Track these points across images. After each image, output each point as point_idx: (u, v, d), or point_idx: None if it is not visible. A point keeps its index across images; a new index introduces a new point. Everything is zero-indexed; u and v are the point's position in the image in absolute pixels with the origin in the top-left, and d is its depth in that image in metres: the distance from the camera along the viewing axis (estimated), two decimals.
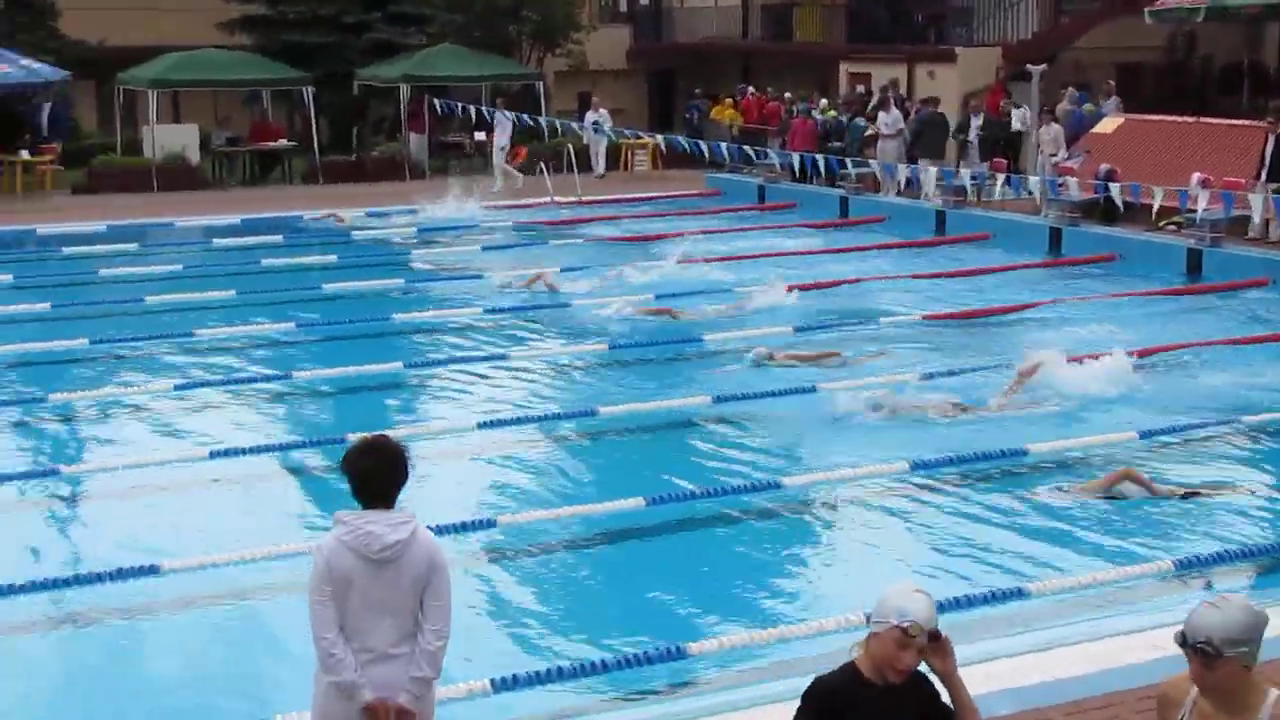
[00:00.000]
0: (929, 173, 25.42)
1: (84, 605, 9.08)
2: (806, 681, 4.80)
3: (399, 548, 5.44)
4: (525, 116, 31.65)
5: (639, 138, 35.25)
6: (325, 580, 5.39)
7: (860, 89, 34.79)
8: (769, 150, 29.68)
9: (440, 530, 10.02)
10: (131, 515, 11.05)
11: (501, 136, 31.96)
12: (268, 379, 15.14)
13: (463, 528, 10.20)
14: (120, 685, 8.12)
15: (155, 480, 11.64)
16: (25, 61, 30.32)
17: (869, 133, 29.81)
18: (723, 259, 22.05)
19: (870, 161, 27.83)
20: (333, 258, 23.23)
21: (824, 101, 32.72)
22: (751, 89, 36.05)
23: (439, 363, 15.86)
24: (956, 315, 18.06)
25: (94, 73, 35.12)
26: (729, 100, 35.67)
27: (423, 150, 34.16)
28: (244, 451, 12.10)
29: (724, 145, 29.35)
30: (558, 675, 7.82)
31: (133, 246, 24.26)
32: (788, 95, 33.88)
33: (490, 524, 10.34)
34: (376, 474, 5.55)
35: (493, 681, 7.63)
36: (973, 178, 25.80)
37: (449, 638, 5.55)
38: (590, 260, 22.48)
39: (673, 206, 29.43)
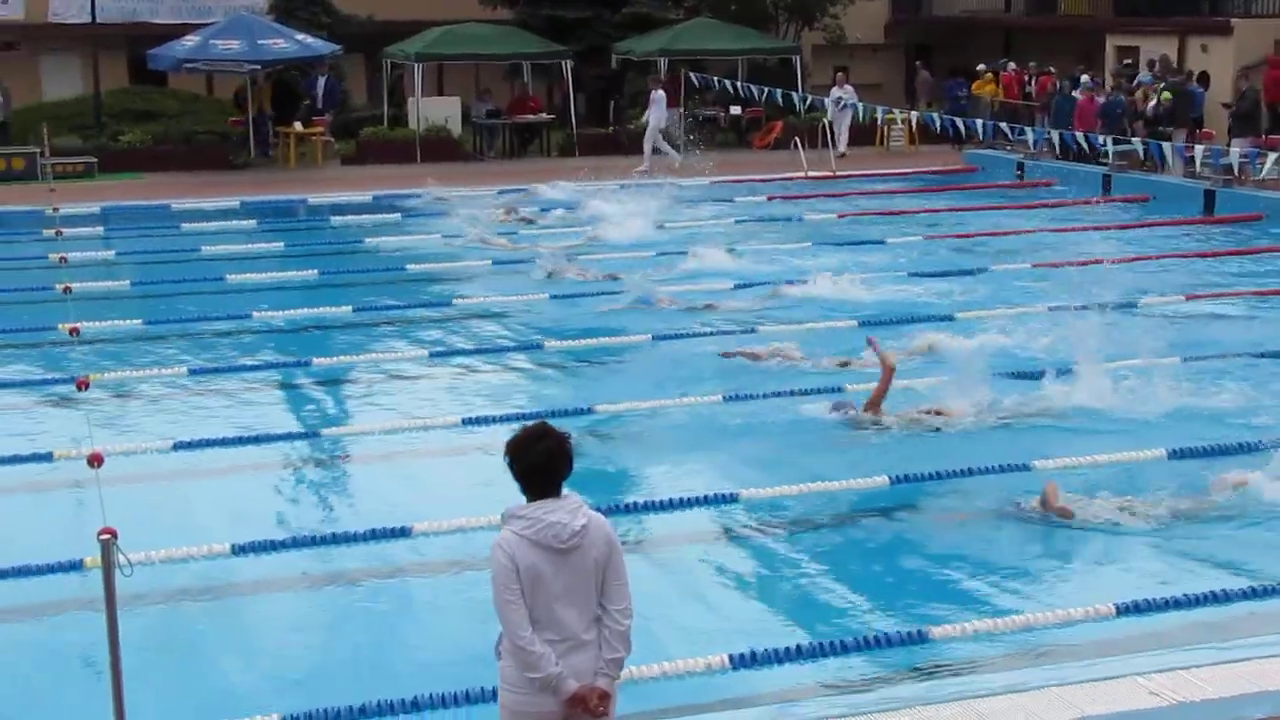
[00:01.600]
0: (1194, 151, 24.41)
1: (340, 564, 9.42)
2: (1055, 670, 4.59)
3: (583, 533, 5.46)
4: (778, 92, 31.49)
5: (893, 113, 34.73)
6: (513, 579, 5.36)
7: (1127, 62, 33.54)
8: (1029, 127, 28.89)
9: (685, 503, 10.11)
10: (386, 478, 11.40)
11: (656, 116, 31.92)
12: (523, 348, 15.41)
13: (705, 501, 10.25)
14: (372, 642, 8.37)
15: (410, 445, 11.98)
16: (300, 37, 31.49)
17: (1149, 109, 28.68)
18: (964, 235, 21.55)
19: (1134, 139, 26.83)
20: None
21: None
22: (1012, 64, 35.13)
23: (684, 335, 15.83)
24: (1217, 295, 17.34)
25: (363, 47, 36.33)
26: (989, 75, 34.83)
27: (675, 125, 34.31)
28: (494, 420, 12.31)
29: (980, 121, 28.67)
30: (796, 655, 7.79)
31: (395, 217, 24.99)
32: (1052, 69, 32.92)
33: (732, 498, 10.35)
34: (549, 463, 5.51)
35: (731, 658, 7.66)
36: (1243, 155, 24.65)
37: (633, 615, 5.57)
38: (837, 236, 22.30)
39: (927, 183, 28.93)
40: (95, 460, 8.70)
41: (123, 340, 15.71)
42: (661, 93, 31.79)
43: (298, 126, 31.58)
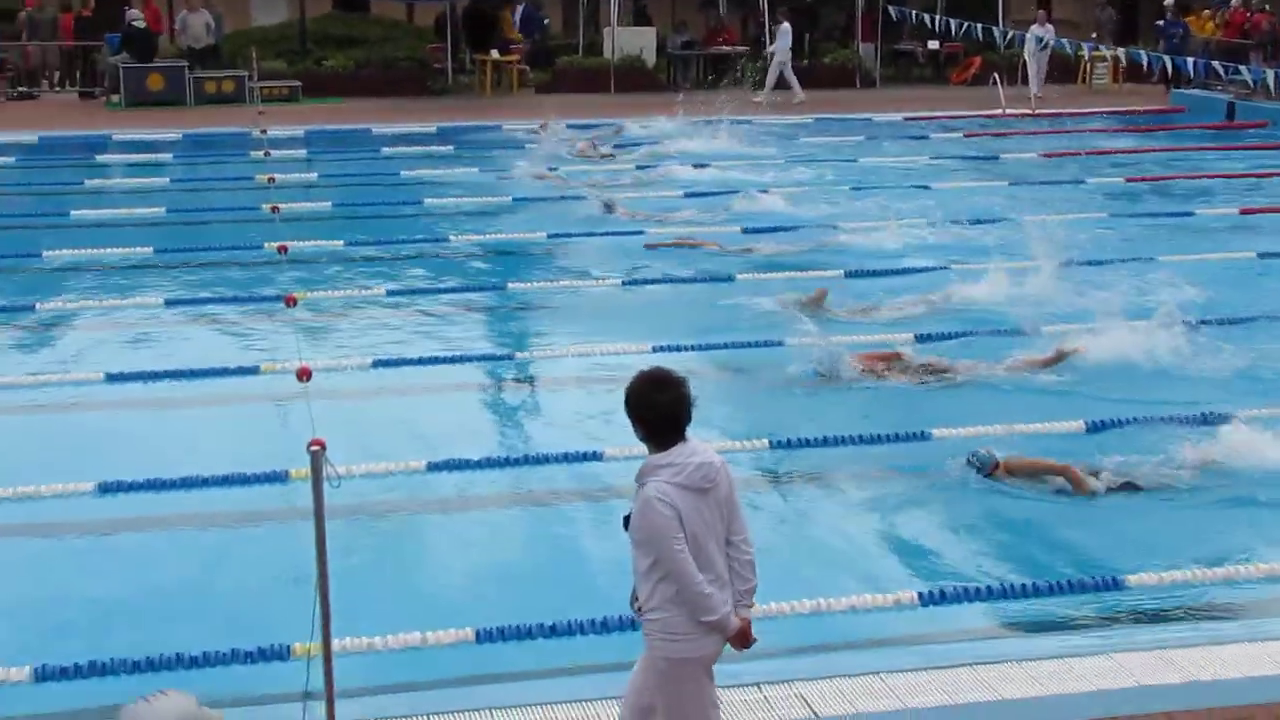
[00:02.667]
0: None
1: (533, 484, 9.59)
2: (1246, 624, 4.46)
3: (723, 470, 5.50)
4: (978, 26, 30.75)
5: (1098, 50, 33.68)
6: (678, 528, 5.34)
7: None
8: (1243, 66, 27.75)
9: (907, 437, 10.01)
10: (578, 401, 11.52)
11: (782, 47, 31.15)
12: (711, 280, 15.38)
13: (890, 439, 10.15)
14: (561, 560, 8.53)
15: (602, 370, 12.06)
16: None
17: None
18: (1164, 178, 20.83)
19: None
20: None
21: None
22: (1235, 0, 33.72)
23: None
24: None
25: None
26: (1206, 13, 33.52)
27: (873, 59, 33.81)
28: (685, 348, 12.31)
29: (1191, 60, 27.63)
30: (975, 595, 7.73)
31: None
32: (1267, 7, 31.53)
33: (924, 435, 10.24)
34: (677, 406, 5.45)
35: (920, 594, 7.62)
36: None
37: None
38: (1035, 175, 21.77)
39: (1129, 122, 28.04)
40: (303, 374, 8.95)
41: (326, 260, 16.10)
42: (787, 25, 31.32)
43: (494, 54, 31.85)
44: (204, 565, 8.43)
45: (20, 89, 32.54)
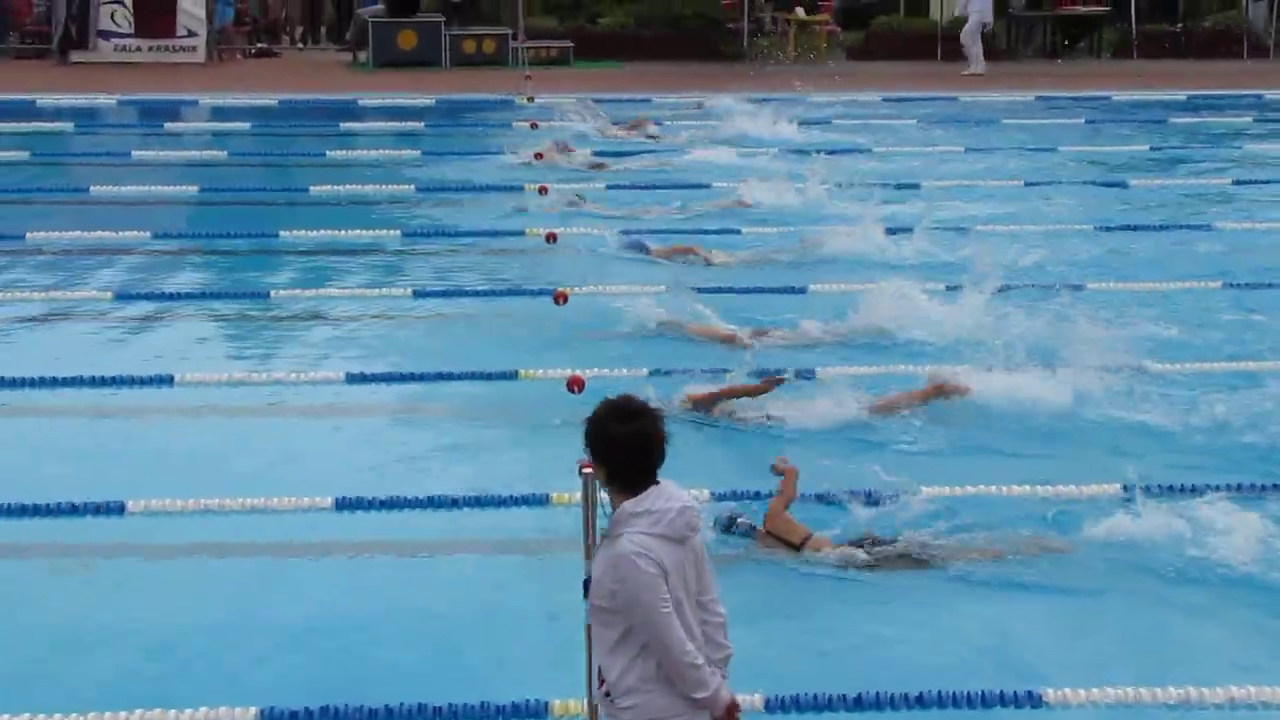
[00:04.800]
0: None
1: None
2: None
3: (701, 518, 5.42)
4: None
5: None
6: (663, 587, 5.23)
7: None
8: None
9: None
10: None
11: (978, 8, 30.21)
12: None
13: None
14: None
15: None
16: None
17: None
18: None
19: None
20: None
21: None
22: None
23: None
24: None
25: None
26: None
27: (1268, 19, 32.54)
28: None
29: None
30: None
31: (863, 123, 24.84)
32: None
33: None
34: (651, 443, 5.34)
35: None
36: None
37: None
38: None
39: None
40: (575, 384, 8.98)
41: (600, 253, 16.06)
42: None
43: (800, 13, 31.89)
44: (447, 597, 8.55)
45: (259, 45, 34.03)
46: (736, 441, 10.68)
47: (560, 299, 13.15)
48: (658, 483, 5.37)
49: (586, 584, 5.37)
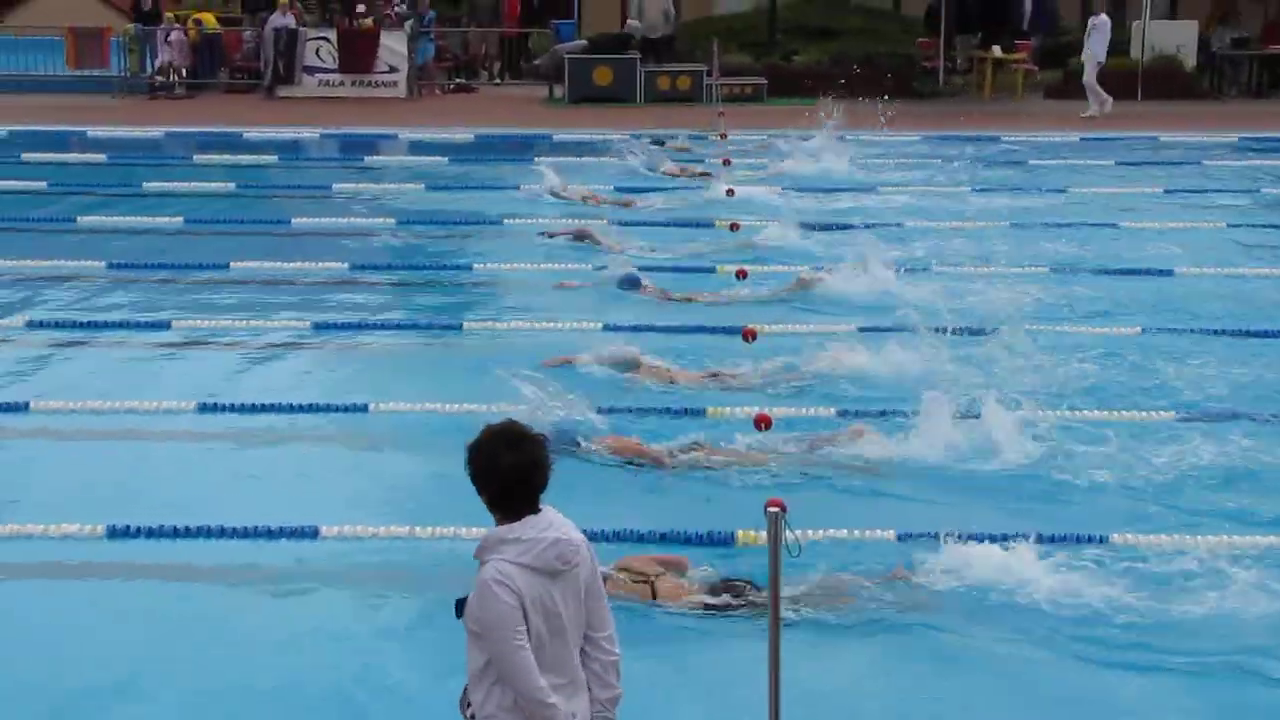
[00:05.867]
0: None
1: None
2: None
3: (584, 550, 5.34)
4: None
5: None
6: (520, 619, 5.17)
7: None
8: None
9: None
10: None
11: (1096, 46, 29.13)
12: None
13: None
14: None
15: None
16: None
17: None
18: None
19: None
20: None
21: None
22: None
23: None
24: None
25: None
26: None
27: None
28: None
29: None
30: None
31: (1108, 162, 24.50)
32: None
33: None
34: (535, 470, 5.29)
35: None
36: None
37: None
38: None
39: None
40: (762, 423, 8.97)
41: (785, 298, 15.79)
42: (1104, 18, 29.44)
43: (996, 51, 31.60)
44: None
45: (458, 80, 34.75)
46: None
47: (749, 336, 13.14)
48: (538, 511, 5.36)
49: (459, 604, 5.35)
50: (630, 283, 15.69)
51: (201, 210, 20.61)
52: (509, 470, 5.28)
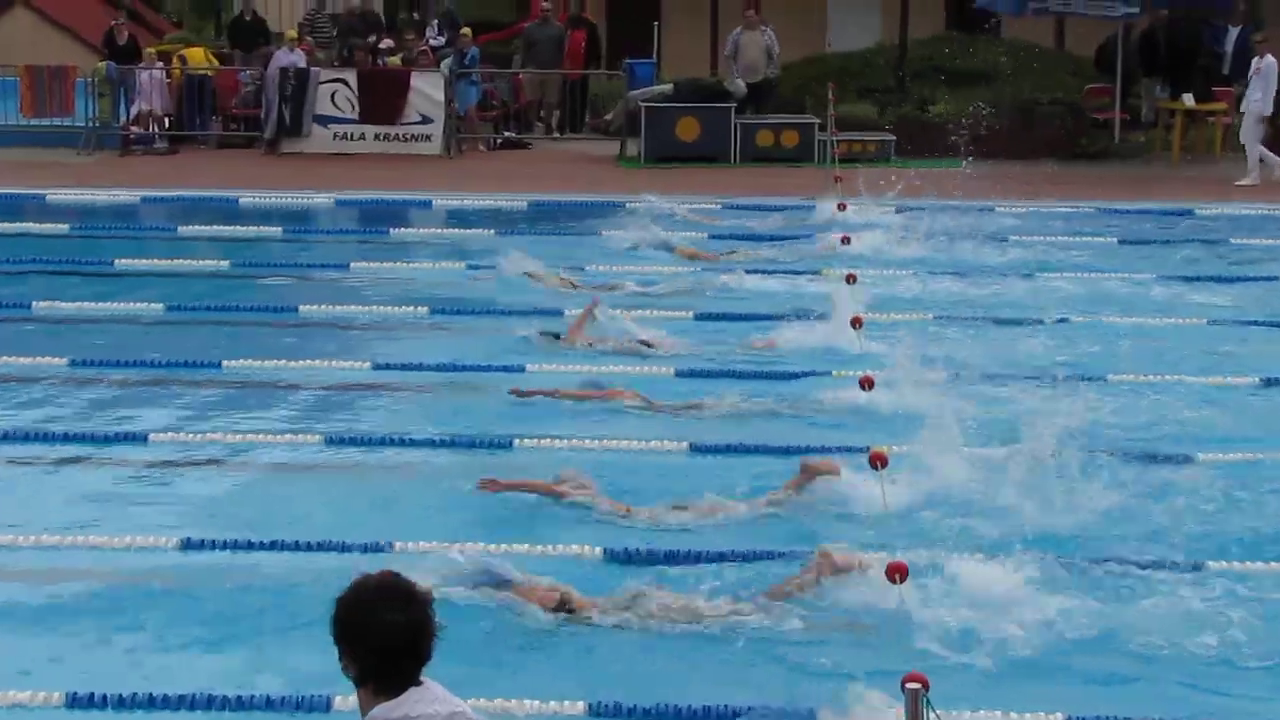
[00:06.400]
0: None
1: None
2: None
3: None
4: None
5: None
6: None
7: None
8: None
9: None
10: None
11: (1261, 98, 28.96)
12: None
13: None
14: None
15: None
16: None
17: None
18: None
19: None
20: None
21: None
22: None
23: None
24: None
25: None
26: None
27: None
28: None
29: None
30: None
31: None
32: None
33: None
34: (423, 635, 5.45)
35: None
36: None
37: None
38: None
39: None
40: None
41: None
42: (1271, 59, 29.09)
43: (1188, 100, 31.60)
44: None
45: (507, 133, 34.86)
46: None
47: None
48: (420, 683, 5.49)
49: None
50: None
51: (187, 294, 20.74)
52: (392, 634, 5.43)
